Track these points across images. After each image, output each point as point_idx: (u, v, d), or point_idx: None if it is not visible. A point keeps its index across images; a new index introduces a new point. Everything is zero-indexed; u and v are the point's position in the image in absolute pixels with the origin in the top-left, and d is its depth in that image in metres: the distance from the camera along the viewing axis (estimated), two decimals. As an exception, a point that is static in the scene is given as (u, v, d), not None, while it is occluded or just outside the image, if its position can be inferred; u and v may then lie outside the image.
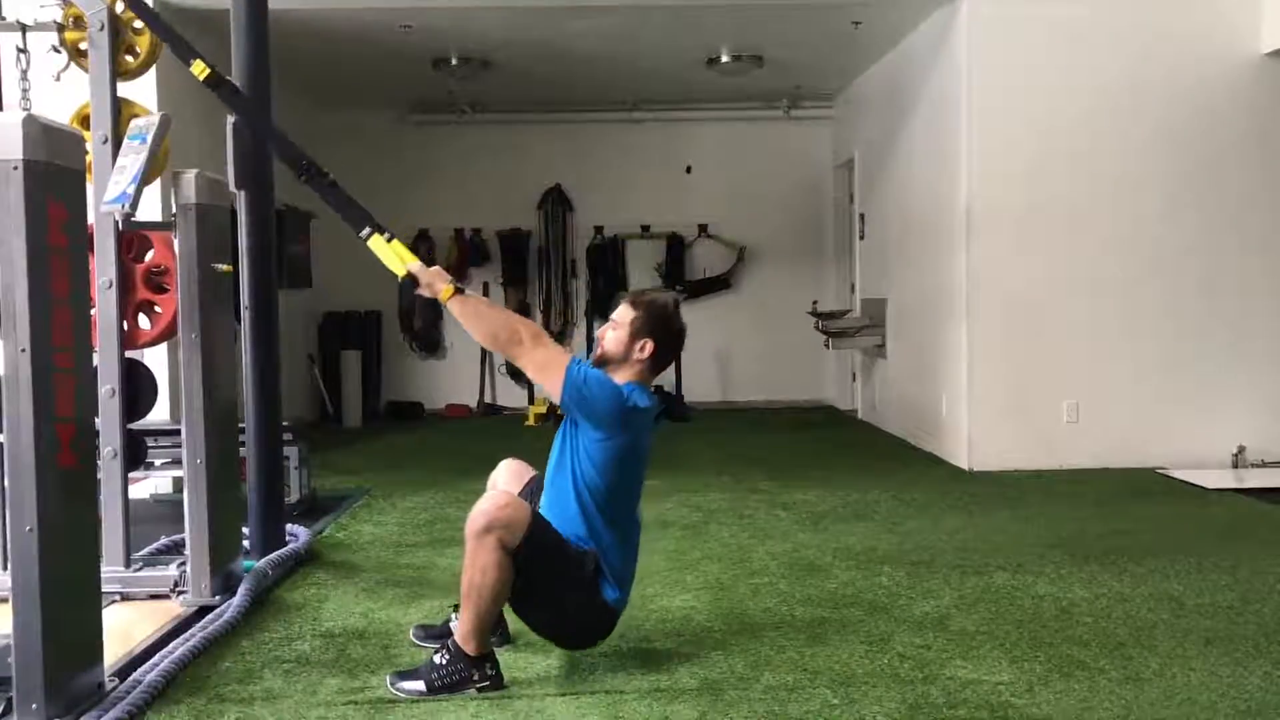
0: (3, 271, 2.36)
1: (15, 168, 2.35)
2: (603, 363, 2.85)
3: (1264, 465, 5.96)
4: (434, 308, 2.40)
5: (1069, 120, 6.02)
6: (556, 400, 2.73)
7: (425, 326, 9.27)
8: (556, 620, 2.86)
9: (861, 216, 8.36)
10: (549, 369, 2.72)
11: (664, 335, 2.86)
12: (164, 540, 4.11)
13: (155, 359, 4.30)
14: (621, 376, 2.82)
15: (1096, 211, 6.04)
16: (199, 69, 3.02)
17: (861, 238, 8.39)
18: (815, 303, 8.66)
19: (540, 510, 2.83)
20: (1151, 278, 6.06)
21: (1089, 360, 6.06)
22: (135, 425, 3.59)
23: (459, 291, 2.74)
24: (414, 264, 2.77)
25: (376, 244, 2.80)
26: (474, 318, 2.75)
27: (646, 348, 2.83)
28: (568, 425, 2.83)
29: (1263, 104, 6.03)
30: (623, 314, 2.87)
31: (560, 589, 2.77)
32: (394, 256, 2.78)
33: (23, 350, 2.37)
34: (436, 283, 2.75)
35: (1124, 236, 6.05)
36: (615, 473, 2.78)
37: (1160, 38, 6.02)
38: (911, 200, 7.09)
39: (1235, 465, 5.98)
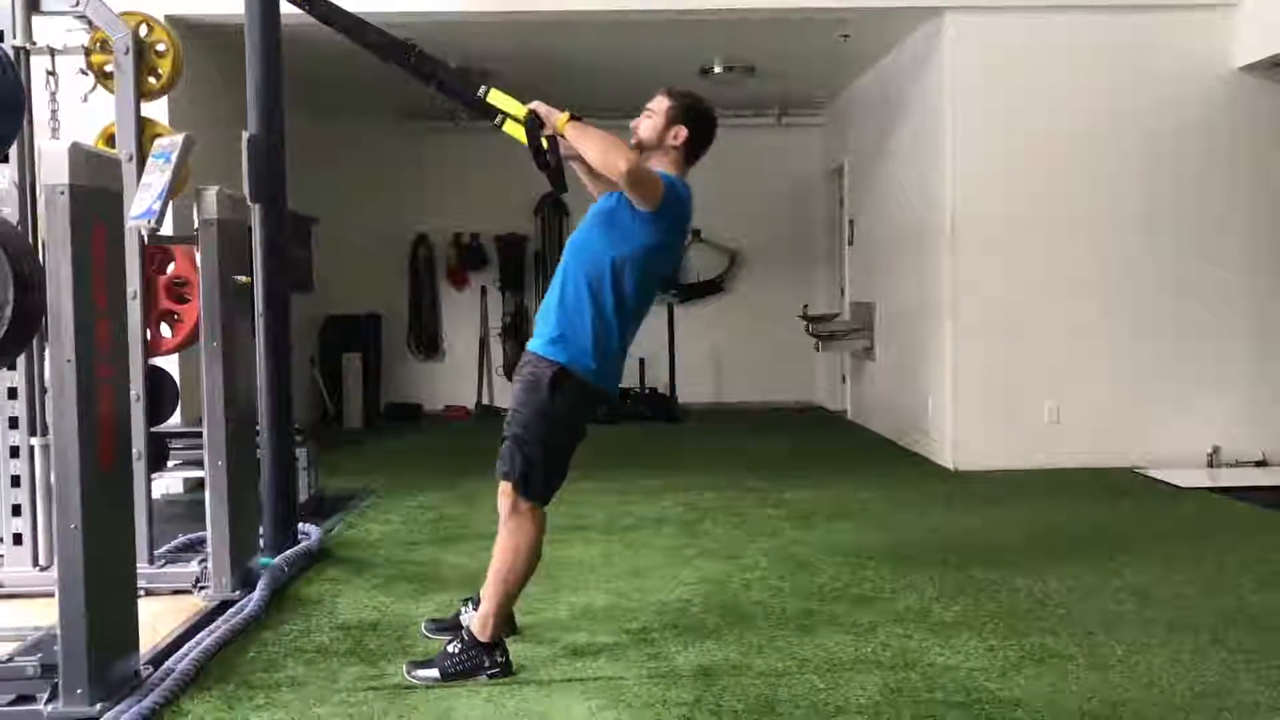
0: (51, 288, 2.55)
1: (62, 192, 2.54)
2: (638, 150, 2.96)
3: (1237, 465, 6.18)
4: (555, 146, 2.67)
5: (1049, 131, 6.22)
6: (652, 208, 2.84)
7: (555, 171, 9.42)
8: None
9: (851, 222, 8.55)
10: (654, 183, 2.83)
11: (696, 123, 2.99)
12: (182, 538, 4.29)
13: (167, 363, 4.46)
14: (656, 165, 2.97)
15: (1076, 219, 6.24)
16: None
17: (851, 243, 8.58)
18: (806, 306, 8.83)
19: (536, 329, 3.06)
20: (1130, 284, 6.27)
21: (1069, 363, 6.26)
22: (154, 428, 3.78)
23: (575, 118, 2.93)
24: (533, 103, 2.97)
25: (497, 96, 3.02)
26: (590, 137, 2.86)
27: (680, 135, 2.98)
28: (597, 227, 2.95)
29: (1236, 115, 6.24)
30: (658, 103, 3.02)
31: (545, 428, 2.93)
32: (513, 102, 3.00)
33: (68, 360, 2.55)
34: (554, 113, 2.94)
35: (1103, 243, 6.26)
36: (642, 266, 2.92)
37: (1137, 52, 6.23)
38: (899, 207, 7.28)
39: (1210, 465, 6.18)
